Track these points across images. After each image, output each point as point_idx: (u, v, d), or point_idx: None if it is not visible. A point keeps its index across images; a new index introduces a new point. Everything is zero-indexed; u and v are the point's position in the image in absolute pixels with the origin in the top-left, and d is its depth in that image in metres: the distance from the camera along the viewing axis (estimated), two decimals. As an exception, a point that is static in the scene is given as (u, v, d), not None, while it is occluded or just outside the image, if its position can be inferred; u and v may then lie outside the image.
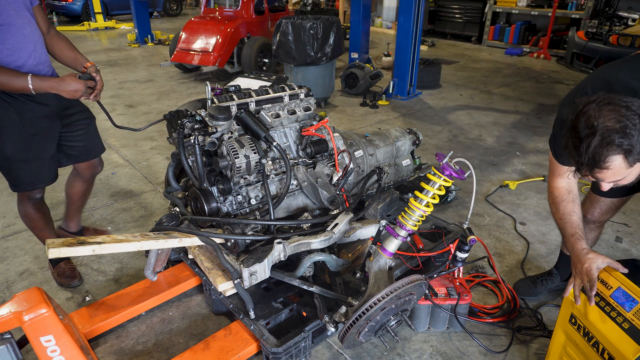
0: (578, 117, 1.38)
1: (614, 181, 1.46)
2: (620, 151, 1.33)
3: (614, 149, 1.33)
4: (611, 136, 1.32)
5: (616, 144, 1.32)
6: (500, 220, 3.25)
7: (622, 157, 1.34)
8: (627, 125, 1.32)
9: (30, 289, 1.72)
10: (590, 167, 1.39)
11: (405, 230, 1.94)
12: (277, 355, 1.87)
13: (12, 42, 2.03)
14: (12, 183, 2.27)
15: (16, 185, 2.27)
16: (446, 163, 1.83)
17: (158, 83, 6.91)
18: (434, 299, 2.18)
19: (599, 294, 1.61)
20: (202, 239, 2.07)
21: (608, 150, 1.33)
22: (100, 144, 2.60)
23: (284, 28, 5.31)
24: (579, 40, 7.03)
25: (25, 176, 2.25)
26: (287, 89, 2.63)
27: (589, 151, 1.35)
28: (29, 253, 2.87)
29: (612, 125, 1.32)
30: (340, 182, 2.50)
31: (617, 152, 1.33)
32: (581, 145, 1.36)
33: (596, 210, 2.16)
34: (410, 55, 5.90)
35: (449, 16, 10.44)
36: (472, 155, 4.34)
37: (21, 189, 2.29)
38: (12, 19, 2.02)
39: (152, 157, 4.27)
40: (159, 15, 14.22)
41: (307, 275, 2.16)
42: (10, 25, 2.02)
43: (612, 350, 1.52)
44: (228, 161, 2.16)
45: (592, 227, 2.23)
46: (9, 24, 2.01)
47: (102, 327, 2.17)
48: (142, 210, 3.38)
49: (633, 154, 1.34)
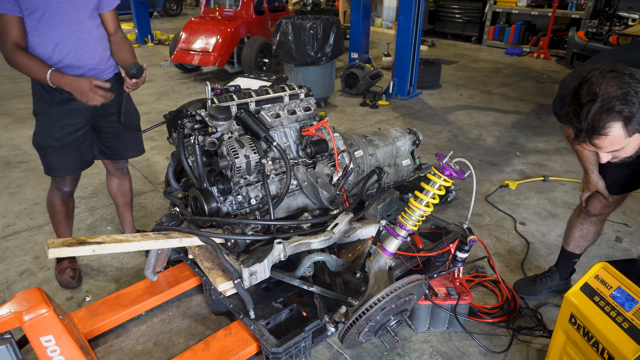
0: (581, 84, 1.39)
1: (612, 151, 1.46)
2: (619, 118, 1.34)
3: (613, 116, 1.33)
4: (612, 102, 1.32)
5: (616, 111, 1.32)
6: (500, 220, 3.25)
7: (622, 125, 1.35)
8: (628, 92, 1.32)
9: (30, 289, 1.72)
10: (589, 134, 1.39)
11: (405, 230, 1.94)
12: (277, 355, 1.87)
13: (55, 37, 2.14)
14: (44, 167, 2.40)
15: (46, 169, 2.40)
16: (446, 163, 1.83)
17: (158, 83, 6.91)
18: (434, 299, 2.18)
19: (599, 294, 1.61)
20: (202, 239, 2.08)
21: (608, 116, 1.33)
22: (132, 148, 2.62)
23: (284, 28, 5.31)
24: (579, 40, 7.03)
25: (52, 163, 2.36)
26: (287, 89, 2.63)
27: (589, 117, 1.35)
28: (29, 253, 2.87)
29: (613, 92, 1.33)
30: (340, 182, 2.50)
31: (617, 119, 1.34)
32: (582, 112, 1.37)
33: (597, 204, 2.21)
34: (410, 55, 5.90)
35: (449, 16, 10.44)
36: (472, 155, 4.34)
37: (49, 173, 2.40)
38: (63, 15, 2.13)
39: (152, 157, 4.27)
40: (159, 15, 14.21)
41: (307, 275, 2.16)
42: (60, 20, 2.13)
43: (611, 349, 1.52)
44: (228, 161, 2.16)
45: (593, 221, 2.29)
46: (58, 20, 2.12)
47: (102, 327, 2.17)
48: (142, 210, 3.38)
49: (632, 122, 1.35)
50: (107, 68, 2.36)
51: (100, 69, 2.32)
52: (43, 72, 2.09)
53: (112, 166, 2.67)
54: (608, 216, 2.32)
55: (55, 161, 2.34)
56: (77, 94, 2.12)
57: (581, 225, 2.34)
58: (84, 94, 2.11)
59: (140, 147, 2.67)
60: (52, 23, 2.12)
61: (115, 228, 3.15)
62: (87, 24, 2.22)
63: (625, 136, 1.38)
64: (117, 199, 2.79)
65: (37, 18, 2.09)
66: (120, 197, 2.79)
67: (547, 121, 5.28)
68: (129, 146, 2.60)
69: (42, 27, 2.11)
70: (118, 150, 2.56)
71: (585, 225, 2.33)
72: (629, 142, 1.42)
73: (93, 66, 2.28)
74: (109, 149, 2.53)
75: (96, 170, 3.65)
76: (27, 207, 3.40)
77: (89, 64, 2.26)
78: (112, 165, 2.66)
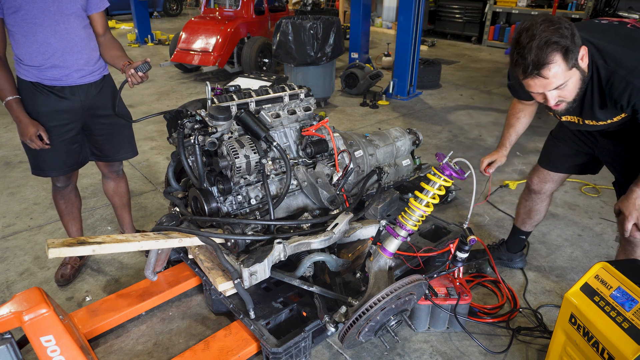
0: (520, 32, 1.57)
1: (557, 87, 1.60)
2: (559, 48, 1.51)
3: (553, 46, 1.51)
4: (549, 37, 1.51)
5: (554, 42, 1.50)
6: (500, 220, 3.25)
7: (561, 56, 1.52)
8: (562, 31, 1.52)
9: (30, 289, 1.72)
10: (535, 66, 1.53)
11: (405, 230, 1.94)
12: (277, 355, 1.87)
13: (39, 37, 2.13)
14: (31, 166, 2.41)
15: (33, 168, 2.41)
16: (446, 163, 1.83)
17: (158, 83, 6.91)
18: (434, 299, 2.17)
19: (599, 294, 1.61)
20: (202, 239, 2.08)
21: (548, 47, 1.51)
22: (125, 150, 2.60)
23: (284, 28, 5.30)
24: (579, 40, 7.02)
25: (41, 163, 2.36)
26: (287, 89, 2.63)
27: (532, 52, 1.52)
28: (29, 253, 2.87)
29: (549, 32, 1.52)
30: (340, 182, 2.50)
31: (557, 50, 1.51)
32: (525, 51, 1.53)
33: (535, 179, 2.43)
34: (410, 55, 5.89)
35: (449, 16, 10.44)
36: (472, 155, 4.34)
37: (38, 173, 2.41)
38: (47, 15, 2.12)
39: (152, 157, 4.27)
40: (159, 15, 14.21)
41: (307, 275, 2.16)
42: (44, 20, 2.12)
43: (611, 349, 1.52)
44: (228, 161, 2.16)
45: (534, 198, 2.49)
46: (42, 20, 2.11)
47: (102, 327, 2.17)
48: (142, 210, 3.38)
49: (570, 55, 1.53)
50: (95, 70, 2.34)
51: (87, 70, 2.30)
52: (3, 94, 2.14)
53: (107, 169, 2.65)
54: (552, 196, 2.49)
55: (45, 161, 2.34)
56: (20, 133, 2.20)
57: (525, 202, 2.54)
58: (25, 136, 2.19)
59: (133, 148, 2.65)
60: (35, 23, 2.10)
61: (115, 228, 3.15)
62: (73, 25, 2.20)
63: (566, 69, 1.55)
64: (114, 201, 2.78)
65: (20, 17, 2.08)
66: (118, 199, 2.78)
67: (547, 121, 5.28)
68: (122, 148, 2.58)
69: (25, 26, 2.10)
70: (110, 152, 2.54)
71: (529, 203, 2.51)
72: (570, 78, 1.59)
73: (80, 67, 2.26)
74: (101, 150, 2.51)
75: (96, 170, 3.65)
76: (27, 207, 3.40)
77: (75, 65, 2.25)
78: (107, 168, 2.65)
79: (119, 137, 2.53)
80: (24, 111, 2.18)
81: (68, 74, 2.24)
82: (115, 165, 2.65)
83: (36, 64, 2.17)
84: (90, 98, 2.34)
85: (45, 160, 2.34)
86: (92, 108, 2.37)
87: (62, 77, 2.23)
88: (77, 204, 2.64)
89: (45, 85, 2.22)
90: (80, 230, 2.70)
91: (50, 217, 3.26)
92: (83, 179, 3.78)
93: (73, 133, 2.35)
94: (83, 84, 2.30)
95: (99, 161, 2.59)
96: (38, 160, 2.35)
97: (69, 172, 2.45)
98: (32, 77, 2.20)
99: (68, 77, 2.24)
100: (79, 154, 2.44)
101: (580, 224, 3.20)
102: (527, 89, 1.67)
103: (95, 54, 2.34)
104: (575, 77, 1.61)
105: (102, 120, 2.44)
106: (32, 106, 2.22)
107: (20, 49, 2.15)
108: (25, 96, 2.22)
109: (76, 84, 2.27)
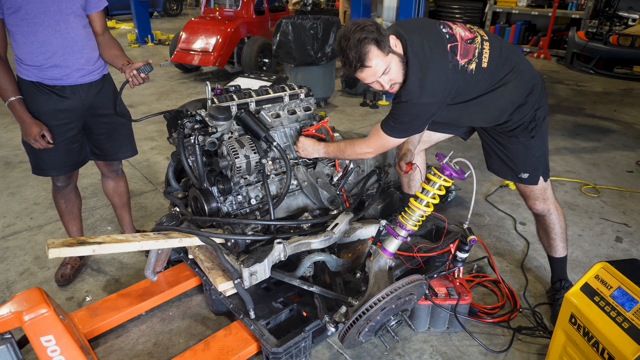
0: (339, 40, 1.82)
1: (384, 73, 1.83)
2: (371, 41, 1.77)
3: (366, 41, 1.76)
4: (360, 35, 1.76)
5: (364, 37, 1.76)
6: (500, 220, 3.26)
7: (375, 46, 1.77)
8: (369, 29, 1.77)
9: (30, 289, 1.72)
10: (358, 62, 1.78)
11: (405, 230, 1.94)
12: (277, 355, 1.87)
13: (39, 37, 2.14)
14: (32, 166, 2.42)
15: (34, 168, 2.42)
16: (446, 163, 1.83)
17: (158, 83, 6.91)
18: (434, 298, 2.17)
19: (599, 294, 1.62)
20: (202, 239, 2.08)
21: (361, 42, 1.76)
22: (125, 149, 2.60)
23: (284, 28, 5.30)
24: (579, 40, 7.02)
25: (42, 163, 2.37)
26: (287, 89, 2.63)
27: (352, 51, 1.77)
28: (29, 253, 2.87)
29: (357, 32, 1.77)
30: (340, 182, 2.50)
31: (370, 42, 1.77)
32: (346, 52, 1.78)
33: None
34: (410, 55, 5.88)
35: (449, 16, 10.42)
36: (472, 155, 4.33)
37: (35, 173, 2.42)
38: (48, 15, 2.12)
39: (152, 157, 4.27)
40: (159, 15, 14.22)
41: (307, 275, 2.16)
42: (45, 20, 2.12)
43: (611, 349, 1.52)
44: (228, 161, 2.16)
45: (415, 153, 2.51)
46: (42, 19, 2.12)
47: (102, 327, 2.17)
48: (142, 210, 3.38)
49: (382, 44, 1.78)
50: (95, 69, 2.34)
51: (87, 70, 2.30)
52: (6, 94, 2.15)
53: (106, 168, 2.65)
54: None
55: (46, 161, 2.35)
56: (23, 132, 2.22)
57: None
58: (28, 136, 2.19)
59: (133, 147, 2.65)
60: (35, 22, 2.11)
61: (115, 228, 3.15)
62: (73, 24, 2.20)
63: (383, 55, 1.80)
64: (114, 200, 2.78)
65: (20, 17, 2.08)
66: (117, 199, 2.78)
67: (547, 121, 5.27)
68: (122, 147, 2.58)
69: (25, 26, 2.10)
70: (110, 151, 2.54)
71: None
72: (391, 62, 1.82)
73: (80, 66, 2.26)
74: (101, 150, 2.52)
75: (96, 170, 3.65)
76: (27, 207, 3.40)
77: (76, 64, 2.25)
78: (106, 168, 2.65)
79: (119, 136, 2.53)
80: (27, 111, 2.19)
81: (69, 73, 2.24)
82: (114, 164, 2.65)
83: (37, 64, 2.17)
84: (91, 97, 2.34)
85: (45, 159, 2.34)
86: (93, 107, 2.37)
87: (63, 76, 2.23)
88: (77, 204, 2.64)
89: (46, 85, 2.22)
90: (80, 230, 2.70)
91: (51, 217, 3.26)
92: (83, 178, 3.78)
93: (74, 132, 2.36)
94: (83, 84, 2.30)
95: (99, 160, 2.59)
96: (38, 159, 2.35)
97: (70, 171, 2.45)
98: (33, 77, 2.20)
99: (69, 77, 2.24)
100: (80, 154, 2.45)
101: (580, 224, 3.20)
102: (364, 82, 1.90)
103: (95, 53, 2.34)
104: (395, 60, 1.84)
105: (103, 120, 2.44)
106: (33, 106, 2.23)
107: (21, 49, 2.15)
108: (26, 96, 2.22)
109: (77, 83, 2.28)
